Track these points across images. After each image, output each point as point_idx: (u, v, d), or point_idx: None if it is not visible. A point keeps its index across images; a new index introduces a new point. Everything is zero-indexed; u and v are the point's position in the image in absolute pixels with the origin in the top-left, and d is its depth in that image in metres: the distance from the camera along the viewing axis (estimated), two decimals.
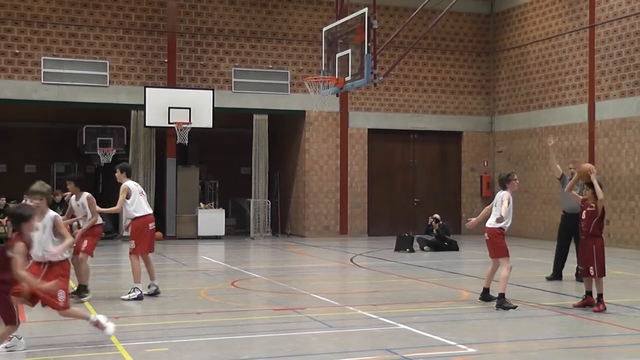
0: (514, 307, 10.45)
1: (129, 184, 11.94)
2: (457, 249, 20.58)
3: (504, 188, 11.15)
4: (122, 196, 11.76)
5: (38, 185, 8.55)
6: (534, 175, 25.36)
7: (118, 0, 23.71)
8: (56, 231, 8.21)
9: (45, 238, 8.17)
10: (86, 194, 11.80)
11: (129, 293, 11.51)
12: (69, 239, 8.41)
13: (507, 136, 26.97)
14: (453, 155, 27.68)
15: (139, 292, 11.46)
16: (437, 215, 21.43)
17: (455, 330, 9.00)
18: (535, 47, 25.46)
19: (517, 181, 11.32)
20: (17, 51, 22.66)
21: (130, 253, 11.83)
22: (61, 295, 7.88)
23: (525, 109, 26.03)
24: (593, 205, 10.39)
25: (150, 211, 12.11)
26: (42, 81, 22.85)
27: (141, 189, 12.20)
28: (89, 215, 11.62)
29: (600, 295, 10.35)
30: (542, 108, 25.13)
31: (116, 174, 12.10)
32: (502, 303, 10.50)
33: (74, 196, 11.94)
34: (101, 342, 8.23)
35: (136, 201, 11.84)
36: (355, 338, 8.79)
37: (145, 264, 11.83)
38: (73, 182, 11.85)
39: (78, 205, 11.74)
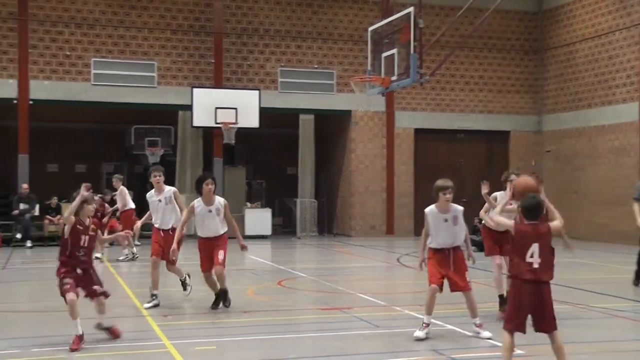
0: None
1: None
2: None
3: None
4: (180, 198, 11.37)
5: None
6: (583, 175, 24.97)
7: (165, 1, 24.00)
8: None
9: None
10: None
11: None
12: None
13: (555, 135, 26.61)
14: (500, 155, 27.40)
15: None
16: None
17: (501, 331, 8.90)
18: (584, 45, 25.07)
19: (485, 184, 10.62)
20: (68, 53, 23.07)
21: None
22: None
23: (574, 107, 25.65)
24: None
25: None
26: (92, 82, 23.23)
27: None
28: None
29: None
30: (592, 107, 24.74)
31: (159, 178, 11.20)
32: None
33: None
34: (149, 339, 8.33)
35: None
36: (401, 338, 8.76)
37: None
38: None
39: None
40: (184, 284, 11.39)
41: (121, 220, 18.06)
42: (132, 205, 18.10)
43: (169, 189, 11.25)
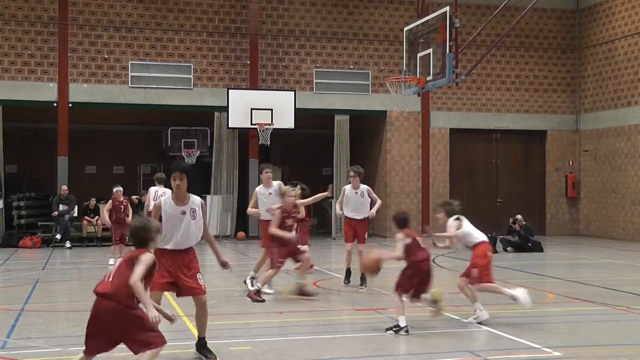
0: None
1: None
2: (541, 250, 20.20)
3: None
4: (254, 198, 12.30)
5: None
6: (622, 175, 24.64)
7: (202, 4, 24.19)
8: None
9: None
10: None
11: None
12: None
13: (593, 135, 26.28)
14: (537, 155, 27.15)
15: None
16: (519, 216, 21.07)
17: (539, 333, 8.85)
18: (624, 42, 24.74)
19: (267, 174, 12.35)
20: (106, 56, 23.38)
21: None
22: None
23: (612, 106, 25.31)
24: None
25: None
26: (130, 85, 23.50)
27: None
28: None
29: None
30: (631, 105, 24.40)
31: (270, 174, 12.48)
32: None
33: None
34: (185, 339, 8.41)
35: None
36: (437, 339, 8.73)
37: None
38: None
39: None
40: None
41: None
42: None
43: (277, 183, 12.40)
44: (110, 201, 17.03)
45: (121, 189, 17.43)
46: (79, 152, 24.59)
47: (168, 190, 16.17)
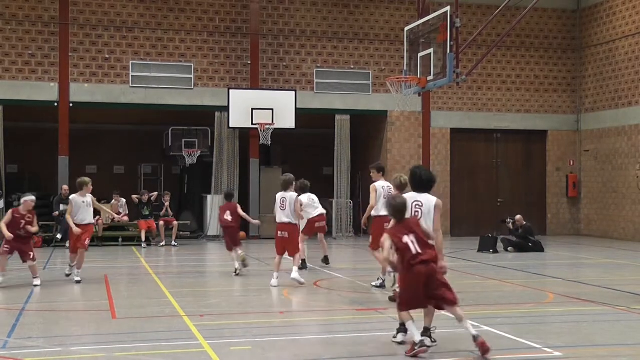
0: None
1: (378, 184, 12.69)
2: (542, 250, 20.18)
3: None
4: (373, 194, 12.63)
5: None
6: (623, 174, 24.63)
7: (202, 4, 24.19)
8: None
9: None
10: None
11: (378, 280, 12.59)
12: None
13: (594, 135, 26.28)
14: (538, 155, 27.13)
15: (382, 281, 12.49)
16: (518, 216, 21.06)
17: (540, 333, 8.84)
18: (624, 42, 24.73)
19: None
20: (107, 56, 23.38)
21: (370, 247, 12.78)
22: None
23: (613, 106, 25.31)
24: None
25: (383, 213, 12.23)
26: (130, 85, 23.51)
27: (388, 191, 12.59)
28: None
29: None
30: (632, 105, 24.39)
31: (371, 174, 13.11)
32: None
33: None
34: (185, 339, 8.42)
35: (380, 201, 12.46)
36: (438, 339, 8.72)
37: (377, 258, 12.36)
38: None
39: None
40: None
41: None
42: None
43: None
44: (10, 212, 13.20)
45: (33, 198, 13.28)
46: (79, 152, 24.59)
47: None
